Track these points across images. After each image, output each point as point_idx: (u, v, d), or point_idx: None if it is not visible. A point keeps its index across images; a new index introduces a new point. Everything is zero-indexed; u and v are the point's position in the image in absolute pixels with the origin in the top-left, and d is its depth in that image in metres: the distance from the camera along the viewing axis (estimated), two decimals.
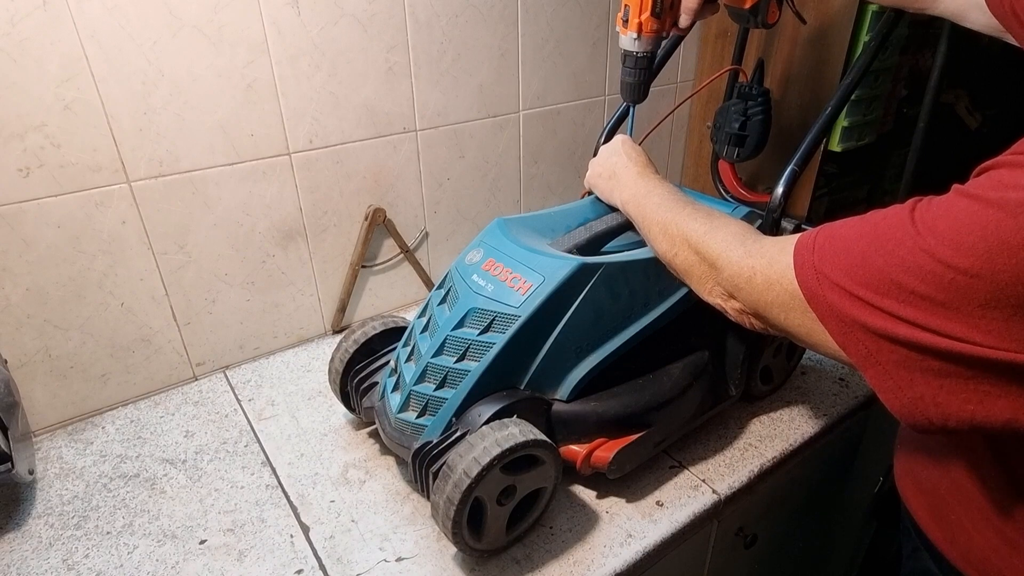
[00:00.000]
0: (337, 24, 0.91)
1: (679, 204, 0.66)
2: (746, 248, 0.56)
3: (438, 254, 1.17)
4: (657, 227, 0.66)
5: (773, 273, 0.52)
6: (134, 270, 0.88)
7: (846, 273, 0.46)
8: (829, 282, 0.47)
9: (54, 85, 0.75)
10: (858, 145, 1.21)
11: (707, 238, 0.60)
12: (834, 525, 1.16)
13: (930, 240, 0.42)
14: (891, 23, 0.80)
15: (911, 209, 0.46)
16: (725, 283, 0.57)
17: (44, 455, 0.85)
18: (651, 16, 0.76)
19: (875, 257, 0.45)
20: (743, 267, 0.55)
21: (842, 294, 0.46)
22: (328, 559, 0.69)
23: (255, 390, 0.97)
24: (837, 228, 0.50)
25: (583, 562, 0.68)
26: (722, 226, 0.60)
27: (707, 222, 0.62)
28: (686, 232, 0.62)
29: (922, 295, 0.42)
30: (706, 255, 0.59)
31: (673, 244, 0.64)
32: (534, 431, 0.64)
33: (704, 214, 0.63)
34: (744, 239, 0.57)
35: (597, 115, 1.26)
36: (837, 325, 0.47)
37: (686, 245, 0.62)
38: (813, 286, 0.48)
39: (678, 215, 0.64)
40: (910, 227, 0.44)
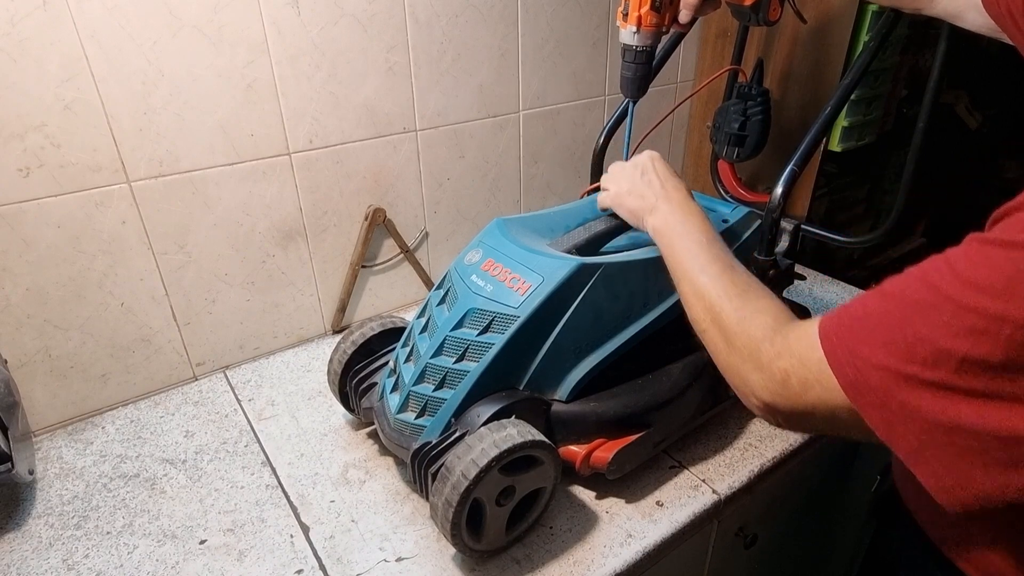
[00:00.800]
0: (337, 24, 0.91)
1: (716, 263, 0.60)
2: (775, 347, 0.50)
3: (438, 254, 1.17)
4: (689, 286, 0.61)
5: (808, 373, 0.46)
6: (134, 270, 0.88)
7: (888, 351, 0.41)
8: (869, 365, 0.42)
9: (54, 85, 0.75)
10: (858, 145, 1.21)
11: (739, 328, 0.54)
12: (834, 525, 1.16)
13: (972, 296, 0.38)
14: (891, 23, 0.80)
15: (937, 268, 0.42)
16: (756, 388, 0.51)
17: (44, 455, 0.85)
18: (651, 10, 0.76)
19: (916, 327, 0.40)
20: (775, 371, 0.49)
21: (887, 376, 0.41)
22: (328, 559, 0.69)
23: (255, 390, 0.97)
24: (858, 306, 0.46)
25: (583, 562, 0.68)
26: (755, 313, 0.54)
27: (741, 303, 0.56)
28: (719, 311, 0.56)
29: (978, 359, 0.38)
30: (736, 346, 0.54)
31: (704, 317, 0.58)
32: (533, 432, 0.64)
33: (740, 288, 0.57)
34: (774, 335, 0.51)
35: (597, 115, 1.26)
36: (881, 416, 0.42)
37: (717, 327, 0.56)
38: (850, 373, 0.43)
39: (714, 283, 0.58)
40: (946, 285, 0.40)
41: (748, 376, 0.52)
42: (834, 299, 1.15)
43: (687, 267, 0.62)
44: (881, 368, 0.41)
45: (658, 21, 0.77)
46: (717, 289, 0.58)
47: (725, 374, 0.56)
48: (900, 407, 0.41)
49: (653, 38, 0.78)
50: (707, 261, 0.61)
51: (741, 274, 0.59)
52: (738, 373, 0.53)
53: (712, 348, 0.57)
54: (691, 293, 0.60)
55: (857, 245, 0.99)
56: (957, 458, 0.40)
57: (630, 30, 0.78)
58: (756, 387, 0.51)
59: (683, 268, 0.63)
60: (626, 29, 0.78)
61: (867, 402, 0.43)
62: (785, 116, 1.19)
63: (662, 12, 0.77)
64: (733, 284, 0.58)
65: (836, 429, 0.47)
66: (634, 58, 0.80)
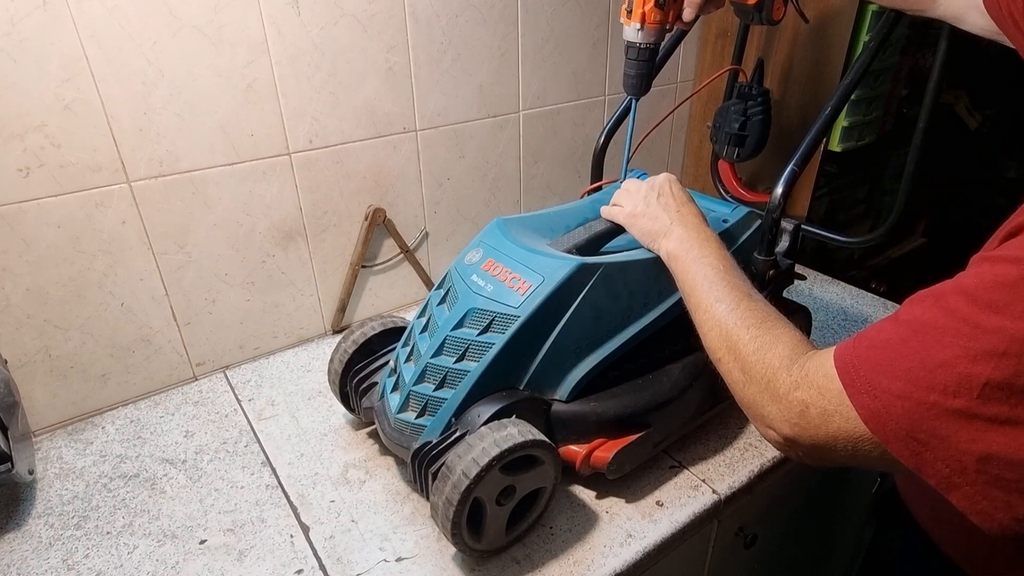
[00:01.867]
0: (337, 24, 0.91)
1: (733, 292, 0.60)
2: (792, 378, 0.49)
3: (438, 254, 1.17)
4: (705, 314, 0.60)
5: (828, 404, 0.45)
6: (134, 270, 0.88)
7: (908, 380, 0.40)
8: (890, 395, 0.41)
9: (54, 85, 0.75)
10: (858, 145, 1.21)
11: (755, 358, 0.53)
12: (834, 525, 1.16)
13: (992, 317, 0.37)
14: (891, 23, 0.80)
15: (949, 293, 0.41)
16: (775, 420, 0.50)
17: (44, 455, 0.85)
18: (655, 7, 0.76)
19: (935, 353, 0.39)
20: (793, 402, 0.48)
21: (910, 406, 0.40)
22: (328, 559, 0.69)
23: (255, 390, 0.97)
24: (875, 333, 0.45)
25: (583, 562, 0.68)
26: (773, 343, 0.53)
27: (759, 332, 0.55)
28: (735, 341, 0.56)
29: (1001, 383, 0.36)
30: (753, 377, 0.53)
31: (720, 346, 0.58)
32: (533, 431, 0.64)
33: (758, 318, 0.56)
34: (791, 364, 0.50)
35: (597, 115, 1.26)
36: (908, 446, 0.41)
37: (734, 356, 0.56)
38: (870, 403, 0.42)
39: (731, 312, 0.58)
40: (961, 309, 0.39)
41: (766, 408, 0.51)
42: (834, 299, 1.15)
43: (703, 295, 0.61)
44: (903, 397, 0.40)
45: (662, 18, 0.77)
46: (734, 318, 0.57)
47: (742, 406, 0.55)
48: (927, 437, 0.39)
49: (657, 35, 0.78)
50: (724, 290, 0.60)
51: (758, 303, 0.58)
52: (755, 405, 0.52)
53: (728, 379, 0.57)
54: (707, 322, 0.60)
55: (857, 245, 0.99)
56: (992, 486, 0.38)
57: (634, 27, 0.78)
58: (775, 419, 0.50)
59: (699, 296, 0.62)
60: (630, 26, 0.78)
61: (891, 433, 0.41)
62: (785, 116, 1.19)
63: (666, 9, 0.77)
64: (750, 313, 0.57)
65: (859, 461, 0.45)
66: (637, 55, 0.80)
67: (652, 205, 0.73)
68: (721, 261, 0.64)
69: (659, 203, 0.73)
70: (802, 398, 0.47)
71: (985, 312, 0.38)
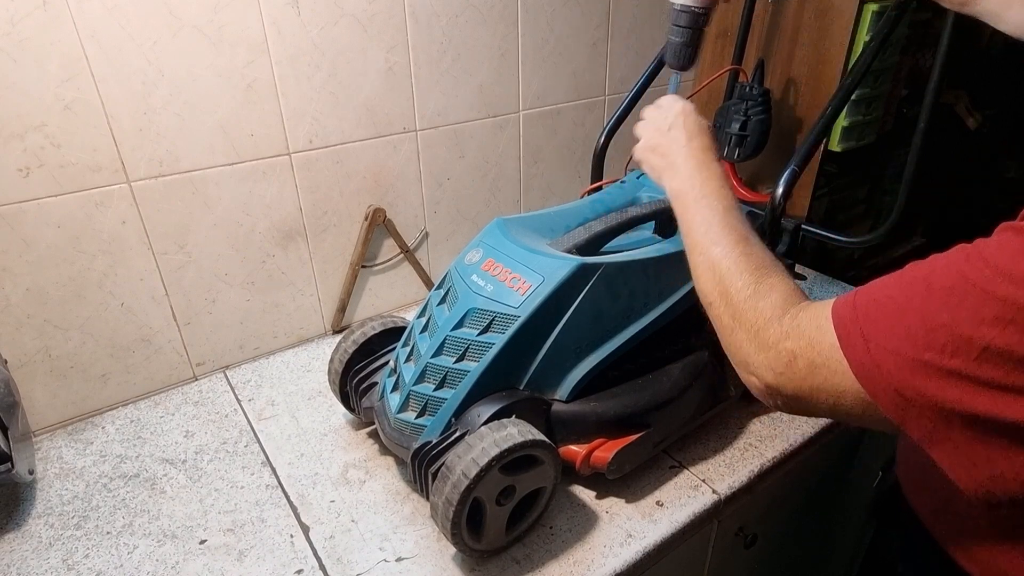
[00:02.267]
0: (337, 24, 0.91)
1: (730, 235, 0.58)
2: (783, 327, 0.49)
3: (438, 254, 1.17)
4: (700, 256, 0.59)
5: (817, 355, 0.46)
6: (134, 270, 0.88)
7: (905, 337, 0.40)
8: (884, 350, 0.41)
9: (54, 85, 0.75)
10: (858, 145, 1.21)
11: (746, 305, 0.52)
12: (834, 525, 1.16)
13: (1003, 285, 0.37)
14: (891, 23, 0.80)
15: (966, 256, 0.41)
16: (759, 367, 0.50)
17: (44, 455, 0.85)
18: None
19: (938, 313, 0.40)
20: (781, 351, 0.48)
21: (902, 362, 0.40)
22: (328, 559, 0.69)
23: (255, 390, 0.97)
24: (878, 289, 0.45)
25: (583, 562, 0.68)
26: (767, 291, 0.52)
27: (752, 279, 0.54)
28: (728, 286, 0.55)
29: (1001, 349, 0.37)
30: (742, 323, 0.52)
31: (712, 290, 0.57)
32: (533, 431, 0.64)
33: (753, 264, 0.55)
34: (783, 314, 0.50)
35: (597, 115, 1.26)
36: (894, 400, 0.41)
37: (725, 301, 0.55)
38: (863, 357, 0.43)
39: (726, 256, 0.56)
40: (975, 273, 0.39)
41: (752, 355, 0.51)
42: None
43: (700, 237, 0.60)
44: (897, 353, 0.41)
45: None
46: (728, 262, 0.56)
47: (728, 351, 0.55)
48: (915, 393, 0.40)
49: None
50: (721, 232, 0.58)
51: (755, 247, 0.57)
52: (741, 350, 0.52)
53: (717, 323, 0.56)
54: (701, 264, 0.59)
55: (857, 245, 0.99)
56: (975, 442, 0.39)
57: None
58: (759, 367, 0.50)
59: (695, 237, 0.60)
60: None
61: (880, 387, 0.42)
62: (785, 116, 1.19)
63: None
64: (746, 258, 0.56)
65: (838, 414, 0.46)
66: (691, 22, 0.75)
67: (662, 139, 0.70)
68: (721, 201, 0.61)
69: (669, 136, 0.70)
70: (791, 348, 0.48)
71: (1001, 279, 0.37)
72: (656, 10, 1.24)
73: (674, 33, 0.77)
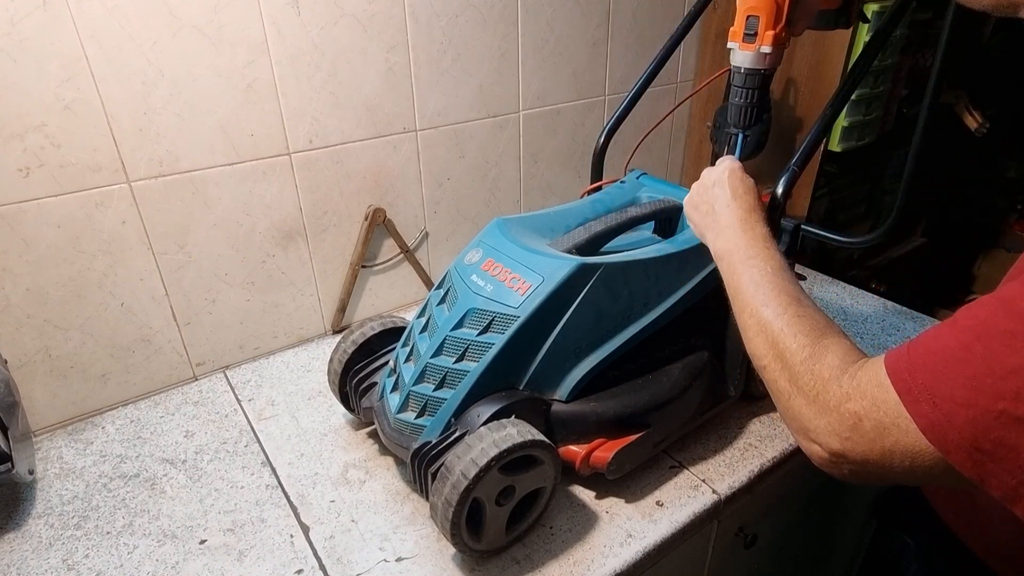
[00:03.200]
0: (337, 24, 0.91)
1: (781, 296, 0.56)
2: (843, 388, 0.46)
3: (438, 254, 1.17)
4: (751, 319, 0.57)
5: (884, 415, 0.43)
6: (134, 270, 0.88)
7: (973, 387, 0.38)
8: (952, 403, 0.39)
9: (54, 85, 0.75)
10: (858, 145, 1.21)
11: (804, 368, 0.50)
12: (834, 525, 1.16)
13: None
14: (891, 23, 0.80)
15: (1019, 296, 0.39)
16: (823, 433, 0.47)
17: (44, 455, 0.85)
18: (785, 25, 0.70)
19: (1004, 358, 0.38)
20: (844, 414, 0.45)
21: (975, 414, 0.38)
22: (328, 559, 0.69)
23: (255, 390, 0.97)
24: (931, 339, 0.43)
25: (583, 562, 0.68)
26: (823, 352, 0.50)
27: (808, 340, 0.51)
28: (782, 348, 0.52)
29: None
30: (801, 387, 0.50)
31: (766, 352, 0.54)
32: (532, 431, 0.64)
33: (807, 325, 0.53)
34: (842, 375, 0.47)
35: (597, 115, 1.26)
36: (971, 457, 0.39)
37: (780, 364, 0.52)
38: (930, 413, 0.40)
39: (778, 318, 0.54)
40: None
41: (812, 420, 0.48)
42: (834, 299, 1.15)
43: (748, 298, 0.58)
44: (967, 405, 0.38)
45: (787, 36, 0.72)
46: (781, 324, 0.54)
47: (785, 418, 0.52)
48: (993, 447, 0.38)
49: (780, 57, 0.73)
50: (771, 293, 0.57)
51: (808, 309, 0.55)
52: (801, 416, 0.49)
53: (773, 388, 0.54)
54: (753, 326, 0.57)
55: (857, 245, 0.99)
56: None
57: (761, 51, 0.71)
58: (822, 433, 0.47)
59: (744, 299, 0.59)
60: (754, 51, 0.72)
61: (952, 444, 0.39)
62: (785, 116, 1.19)
63: (793, 26, 0.72)
64: (799, 320, 0.53)
65: (916, 476, 0.43)
66: (759, 83, 0.74)
67: (705, 196, 0.70)
68: (769, 262, 0.60)
69: (712, 194, 0.69)
70: (854, 409, 0.45)
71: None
72: (656, 10, 1.24)
73: (737, 96, 0.75)
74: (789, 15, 0.70)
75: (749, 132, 0.81)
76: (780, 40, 0.71)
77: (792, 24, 0.71)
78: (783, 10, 0.70)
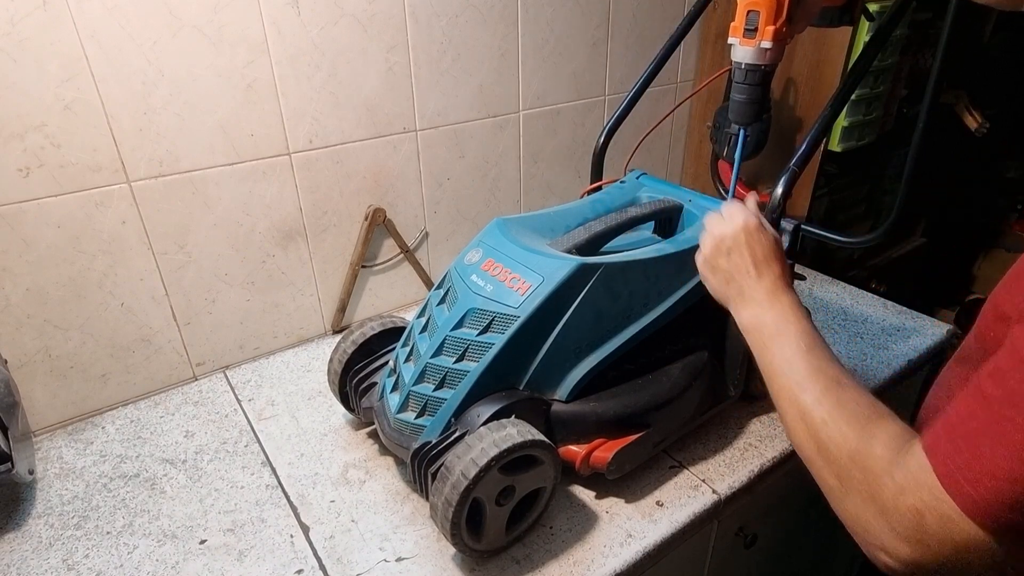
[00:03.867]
0: (337, 24, 0.91)
1: (818, 378, 0.52)
2: (896, 481, 0.42)
3: (438, 254, 1.17)
4: (788, 404, 0.53)
5: (945, 506, 0.39)
6: (134, 270, 0.88)
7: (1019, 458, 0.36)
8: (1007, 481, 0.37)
9: (54, 85, 0.75)
10: (858, 145, 1.21)
11: (851, 463, 0.46)
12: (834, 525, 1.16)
13: None
14: (891, 23, 0.80)
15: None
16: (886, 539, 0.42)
17: (44, 455, 0.85)
18: (786, 21, 0.70)
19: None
20: (903, 511, 0.41)
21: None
22: (328, 559, 0.69)
23: (255, 390, 0.97)
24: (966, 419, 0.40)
25: (583, 562, 0.68)
26: (868, 441, 0.46)
27: (852, 429, 0.47)
28: (825, 440, 0.48)
29: None
30: (851, 485, 0.45)
31: (808, 445, 0.50)
32: (532, 431, 0.64)
33: (849, 411, 0.48)
34: (892, 465, 0.43)
35: (597, 115, 1.26)
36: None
37: (825, 459, 0.48)
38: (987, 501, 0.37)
39: (817, 404, 0.50)
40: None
41: (872, 523, 0.43)
42: (834, 299, 1.15)
43: (784, 380, 0.54)
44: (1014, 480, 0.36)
45: (788, 32, 0.72)
46: (821, 412, 0.49)
47: (846, 525, 0.47)
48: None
49: (781, 53, 0.72)
50: (808, 375, 0.52)
51: (849, 390, 0.50)
52: (860, 520, 0.44)
53: (823, 486, 0.49)
54: (790, 413, 0.53)
55: (857, 245, 0.99)
56: None
57: (761, 47, 0.71)
58: (886, 537, 0.42)
59: (780, 381, 0.54)
60: (754, 46, 0.72)
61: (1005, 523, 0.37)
62: (785, 116, 1.19)
63: (795, 22, 0.72)
64: (840, 406, 0.49)
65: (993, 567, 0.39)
66: (759, 79, 0.74)
67: (725, 261, 0.64)
68: (802, 338, 0.55)
69: (731, 261, 0.63)
70: (912, 504, 0.40)
71: None
72: (656, 10, 1.24)
73: (738, 91, 0.75)
74: (790, 11, 0.70)
75: (750, 129, 0.81)
76: (780, 36, 0.71)
77: (794, 20, 0.71)
78: (783, 5, 0.70)
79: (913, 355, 1.00)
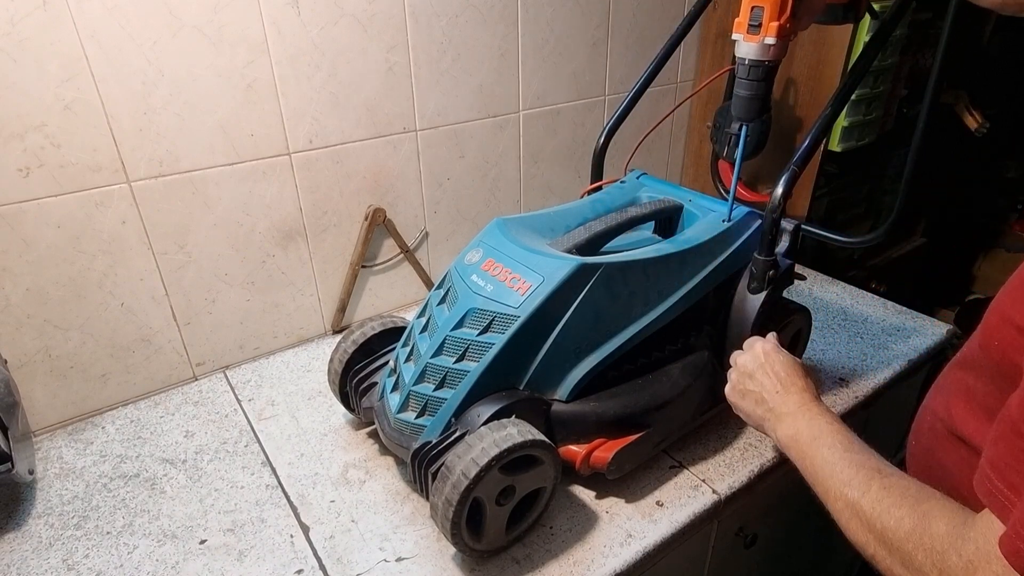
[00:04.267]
0: (337, 24, 0.91)
1: (860, 472, 0.53)
2: (963, 558, 0.42)
3: (438, 254, 1.17)
4: (838, 503, 0.54)
5: None
6: (134, 270, 0.88)
7: None
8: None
9: (54, 85, 0.75)
10: (858, 145, 1.21)
11: (912, 545, 0.45)
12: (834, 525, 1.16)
13: None
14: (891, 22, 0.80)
15: None
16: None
17: (44, 455, 0.85)
18: (791, 17, 0.71)
19: None
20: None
21: None
22: (328, 559, 0.69)
23: (255, 390, 0.97)
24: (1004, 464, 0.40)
25: (583, 562, 0.68)
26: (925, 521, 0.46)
27: (905, 512, 0.47)
28: (882, 527, 0.48)
29: None
30: (916, 566, 0.45)
31: (865, 536, 0.51)
32: (532, 431, 0.64)
33: (897, 496, 0.49)
34: (957, 540, 0.43)
35: (597, 115, 1.26)
36: None
37: (885, 546, 0.48)
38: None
39: (865, 496, 0.51)
40: None
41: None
42: (834, 299, 1.15)
43: (830, 482, 0.56)
44: None
45: (793, 28, 0.72)
46: (869, 500, 0.51)
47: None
48: None
49: (785, 49, 0.73)
50: (849, 471, 0.54)
51: (892, 478, 0.52)
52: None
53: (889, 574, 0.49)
54: (842, 511, 0.54)
55: (857, 245, 0.99)
56: None
57: (765, 42, 0.72)
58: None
59: (825, 484, 0.56)
60: (758, 42, 0.72)
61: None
62: (785, 116, 1.19)
63: (799, 18, 0.72)
64: (887, 493, 0.50)
65: None
66: (763, 75, 0.75)
67: (753, 385, 0.69)
68: (837, 438, 0.58)
69: (757, 383, 0.69)
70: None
71: None
72: (656, 10, 1.24)
73: (742, 87, 0.76)
74: (794, 7, 0.71)
75: (750, 129, 0.81)
76: (784, 32, 0.72)
77: (798, 16, 0.72)
78: (787, 1, 0.70)
79: (913, 355, 1.00)
